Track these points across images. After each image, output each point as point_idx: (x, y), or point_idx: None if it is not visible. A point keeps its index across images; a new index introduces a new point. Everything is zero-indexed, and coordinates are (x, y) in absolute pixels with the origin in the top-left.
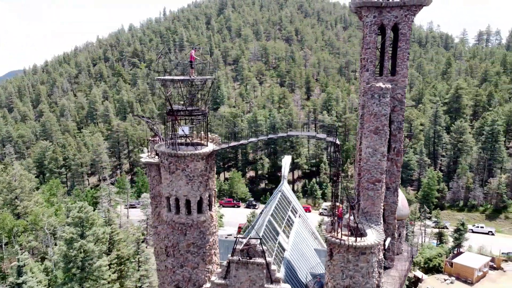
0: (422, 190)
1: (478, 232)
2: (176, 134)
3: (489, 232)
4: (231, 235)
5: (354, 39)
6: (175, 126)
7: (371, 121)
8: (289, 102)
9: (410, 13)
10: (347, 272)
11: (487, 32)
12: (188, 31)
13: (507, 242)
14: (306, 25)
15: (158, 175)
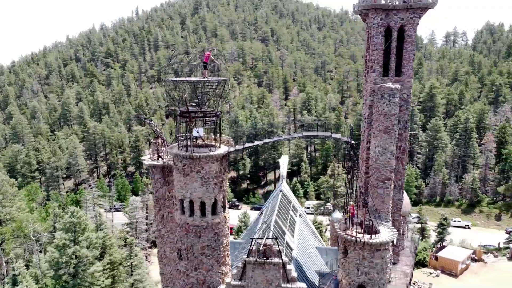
0: None
1: (455, 226)
2: (190, 136)
3: (465, 225)
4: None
5: (328, 40)
6: (190, 127)
7: (381, 120)
8: (268, 103)
9: (415, 16)
10: (362, 269)
11: (454, 33)
12: (162, 31)
13: (483, 235)
14: (281, 26)
15: (161, 177)
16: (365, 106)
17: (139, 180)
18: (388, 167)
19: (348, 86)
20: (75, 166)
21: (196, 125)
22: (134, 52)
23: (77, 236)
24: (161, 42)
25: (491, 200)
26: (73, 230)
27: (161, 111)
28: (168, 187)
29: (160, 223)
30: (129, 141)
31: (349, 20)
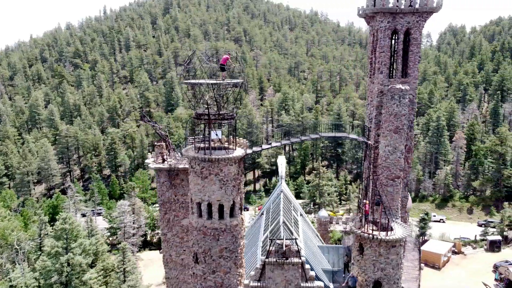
0: None
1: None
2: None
3: (440, 220)
4: None
5: (301, 40)
6: (209, 130)
7: (391, 120)
8: (246, 103)
9: (421, 19)
10: (378, 265)
11: None
12: (133, 31)
13: (457, 228)
14: (253, 26)
15: (167, 180)
16: (372, 107)
17: (116, 183)
18: (398, 166)
19: (321, 86)
20: (47, 171)
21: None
22: (104, 52)
23: (69, 243)
24: (132, 42)
25: (462, 194)
26: (65, 237)
27: (136, 113)
28: (174, 190)
29: (166, 226)
30: (103, 143)
31: (319, 21)
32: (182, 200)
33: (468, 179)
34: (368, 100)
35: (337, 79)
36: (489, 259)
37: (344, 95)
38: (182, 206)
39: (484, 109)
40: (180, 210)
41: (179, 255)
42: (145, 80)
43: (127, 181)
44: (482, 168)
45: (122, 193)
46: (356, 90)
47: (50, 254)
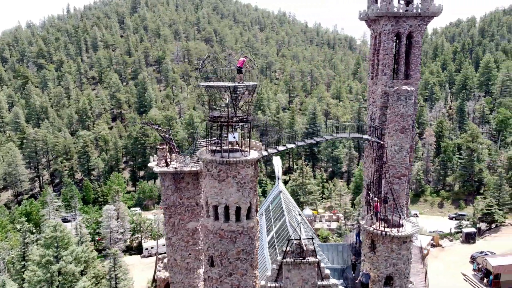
0: (354, 181)
1: None
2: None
3: (414, 214)
4: None
5: (271, 41)
6: (227, 132)
7: (397, 121)
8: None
9: (423, 23)
10: (390, 261)
11: None
12: (100, 30)
13: (430, 222)
14: (224, 26)
15: (172, 184)
16: (375, 108)
17: (90, 188)
18: (404, 164)
19: (293, 86)
20: (15, 176)
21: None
22: (70, 52)
23: (59, 251)
24: (99, 42)
25: (433, 189)
26: (55, 245)
27: (107, 114)
28: (179, 193)
29: (170, 231)
30: (75, 147)
31: (288, 21)
32: (187, 204)
33: (438, 174)
34: (369, 101)
35: (308, 79)
36: (466, 251)
37: (317, 95)
38: (187, 209)
39: (449, 107)
40: (186, 213)
41: (184, 259)
42: (115, 81)
43: (101, 185)
44: (451, 164)
45: (97, 197)
46: (327, 90)
47: (40, 264)
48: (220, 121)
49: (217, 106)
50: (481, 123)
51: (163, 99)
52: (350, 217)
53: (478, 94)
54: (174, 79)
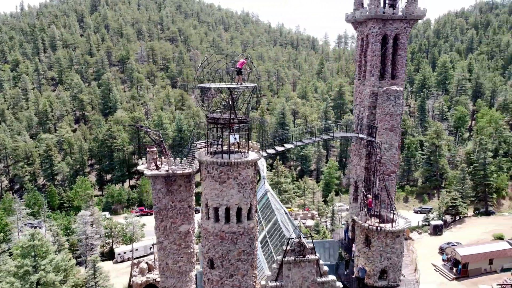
0: (324, 179)
1: None
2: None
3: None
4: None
5: (236, 41)
6: (229, 134)
7: (387, 120)
8: (190, 104)
9: (408, 26)
10: (385, 255)
11: (345, 36)
12: (59, 29)
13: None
14: (188, 26)
15: (164, 187)
16: (363, 107)
17: (54, 193)
18: (393, 162)
19: (260, 86)
20: None
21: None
22: (26, 52)
23: (37, 260)
24: (58, 41)
25: (398, 185)
26: (33, 254)
27: (70, 117)
28: (171, 196)
29: (162, 234)
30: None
31: (251, 22)
32: (179, 207)
33: (403, 170)
34: (356, 101)
35: (274, 79)
36: (434, 243)
37: (284, 95)
38: (179, 212)
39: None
40: (178, 216)
41: (176, 263)
42: (77, 81)
43: (66, 190)
44: (414, 160)
45: (62, 203)
46: (294, 90)
47: (16, 275)
48: (221, 122)
49: (216, 108)
50: (440, 120)
51: (129, 100)
52: (324, 214)
53: (436, 92)
54: (139, 80)
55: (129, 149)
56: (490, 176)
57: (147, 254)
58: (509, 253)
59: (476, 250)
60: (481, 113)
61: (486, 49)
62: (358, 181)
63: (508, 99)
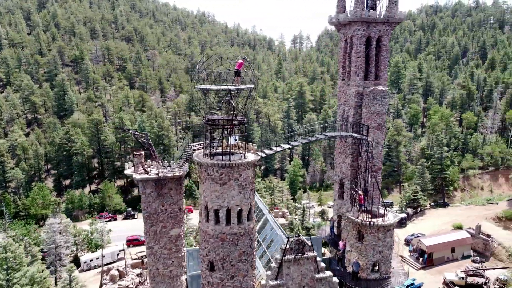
0: (289, 177)
1: None
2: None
3: None
4: (124, 250)
5: (194, 41)
6: (229, 135)
7: (373, 118)
8: (151, 105)
9: (390, 28)
10: (377, 248)
11: (300, 36)
12: (4, 27)
13: None
14: (144, 25)
15: (154, 191)
16: (348, 107)
17: (9, 201)
18: (380, 158)
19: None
20: None
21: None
22: None
23: (10, 273)
24: (4, 40)
25: None
26: (5, 267)
27: (21, 120)
28: (161, 200)
29: (152, 239)
30: None
31: (208, 21)
32: (170, 210)
33: None
34: (340, 101)
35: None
36: (399, 234)
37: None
38: (170, 216)
39: None
40: (168, 220)
41: (167, 267)
42: (27, 82)
43: (21, 197)
44: None
45: (18, 211)
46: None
47: None
48: (222, 124)
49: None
50: (396, 117)
51: (85, 101)
52: (293, 212)
53: (391, 91)
54: (95, 80)
55: (89, 152)
56: (447, 169)
57: (115, 260)
58: (469, 242)
59: (439, 240)
60: (433, 110)
61: (433, 50)
62: (343, 179)
63: (456, 97)
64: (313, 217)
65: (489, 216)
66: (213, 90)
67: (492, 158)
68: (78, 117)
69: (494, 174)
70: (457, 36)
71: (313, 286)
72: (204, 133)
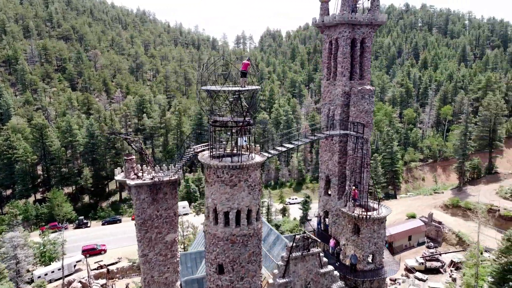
0: None
1: (293, 203)
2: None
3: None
4: (81, 260)
5: (137, 40)
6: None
7: (362, 117)
8: (98, 107)
9: (372, 30)
10: (373, 240)
11: (243, 37)
12: None
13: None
14: (82, 24)
15: (149, 196)
16: (334, 106)
17: None
18: (368, 155)
19: (169, 87)
20: None
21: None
22: None
23: None
24: None
25: (311, 177)
26: None
27: None
28: (156, 206)
29: (147, 246)
30: None
31: (150, 20)
32: (165, 215)
33: (316, 163)
34: (325, 100)
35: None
36: None
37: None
38: (165, 221)
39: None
40: (164, 226)
41: (162, 274)
42: None
43: None
44: None
45: None
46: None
47: None
48: (231, 126)
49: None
50: None
51: (23, 104)
52: None
53: None
54: (33, 82)
55: (33, 159)
56: (397, 163)
57: (72, 272)
58: (423, 229)
59: (398, 229)
60: (376, 107)
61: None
62: (330, 175)
63: (396, 95)
64: (275, 215)
65: (437, 204)
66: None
67: (430, 150)
68: (17, 122)
69: (433, 165)
70: (392, 37)
71: (318, 281)
72: (210, 135)
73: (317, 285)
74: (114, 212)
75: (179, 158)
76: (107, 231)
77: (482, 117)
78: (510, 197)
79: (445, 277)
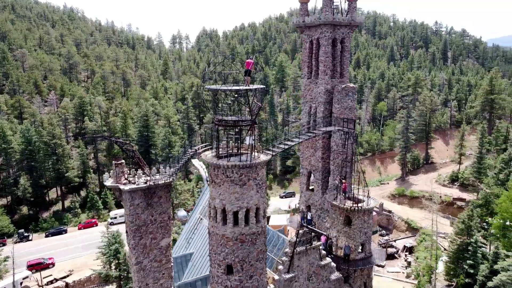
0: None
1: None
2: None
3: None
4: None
5: (67, 39)
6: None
7: (346, 113)
8: (33, 111)
9: (351, 31)
10: (363, 230)
11: (179, 36)
12: None
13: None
14: (4, 21)
15: (143, 201)
16: (317, 104)
17: None
18: (351, 150)
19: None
20: None
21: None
22: None
23: None
24: None
25: None
26: None
27: None
28: (150, 210)
29: (141, 253)
30: None
31: (79, 18)
32: (160, 220)
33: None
34: (306, 98)
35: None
36: None
37: (137, 97)
38: (160, 226)
39: None
40: (158, 231)
41: (157, 281)
42: None
43: None
44: None
45: None
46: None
47: None
48: (239, 125)
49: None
50: (287, 113)
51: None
52: None
53: (278, 89)
54: None
55: None
56: None
57: None
58: (375, 218)
59: None
60: None
61: None
62: (313, 171)
63: None
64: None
65: (385, 194)
66: (222, 91)
67: (369, 145)
68: None
69: (372, 158)
70: None
71: (319, 273)
72: (214, 135)
73: (318, 277)
74: (58, 223)
75: (176, 161)
76: (53, 243)
77: (419, 112)
78: (448, 184)
79: (400, 261)
